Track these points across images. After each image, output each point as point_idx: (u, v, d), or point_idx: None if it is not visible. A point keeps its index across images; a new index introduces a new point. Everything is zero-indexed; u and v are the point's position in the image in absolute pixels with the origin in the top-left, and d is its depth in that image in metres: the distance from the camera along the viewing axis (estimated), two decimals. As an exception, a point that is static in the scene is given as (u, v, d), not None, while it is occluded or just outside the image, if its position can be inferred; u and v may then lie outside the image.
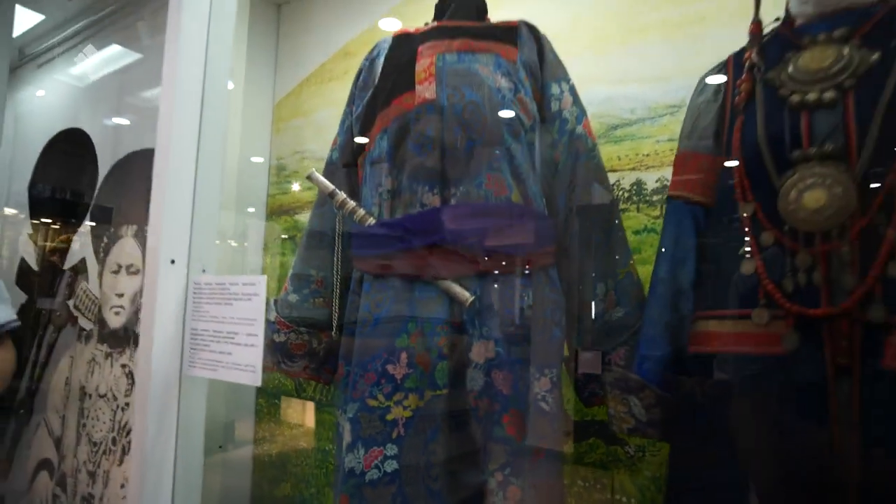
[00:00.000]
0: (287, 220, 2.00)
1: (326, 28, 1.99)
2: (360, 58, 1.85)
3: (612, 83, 1.41)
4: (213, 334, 0.93)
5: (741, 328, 0.78)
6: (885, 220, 0.68)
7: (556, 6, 1.50)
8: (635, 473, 1.27)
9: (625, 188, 1.37)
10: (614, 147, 1.40)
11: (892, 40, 0.73)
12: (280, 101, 2.08)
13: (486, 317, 0.95)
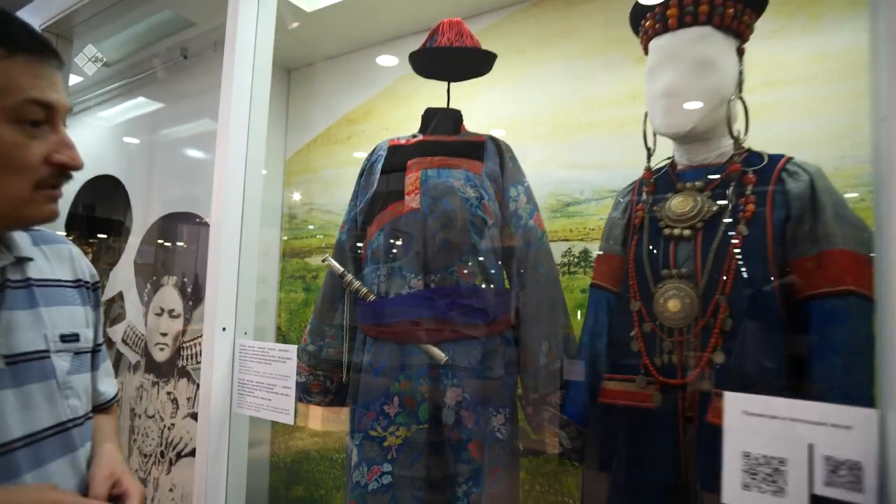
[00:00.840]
0: (297, 262, 2.34)
1: (330, 96, 2.32)
2: (361, 125, 2.20)
3: (567, 167, 1.75)
4: (256, 384, 1.28)
5: (628, 387, 1.13)
6: (714, 322, 1.02)
7: (522, 101, 1.84)
8: (579, 480, 1.62)
9: (575, 255, 1.72)
10: (567, 220, 1.74)
11: (727, 195, 1.07)
12: (290, 157, 2.41)
13: (456, 370, 1.30)
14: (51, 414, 0.73)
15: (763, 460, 0.73)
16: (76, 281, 0.82)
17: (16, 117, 0.65)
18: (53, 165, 0.68)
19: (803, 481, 0.70)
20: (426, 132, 1.49)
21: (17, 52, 0.65)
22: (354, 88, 2.23)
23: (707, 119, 1.06)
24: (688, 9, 1.04)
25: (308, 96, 2.40)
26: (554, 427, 1.32)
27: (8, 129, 0.64)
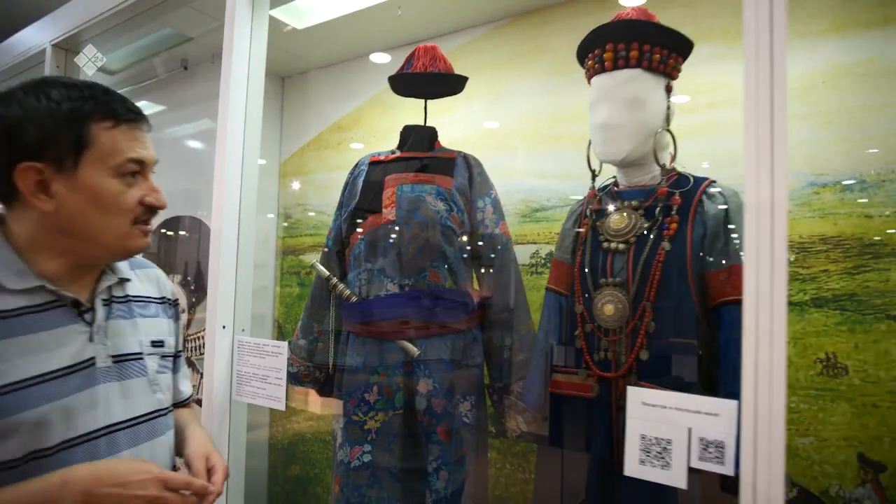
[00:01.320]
0: (293, 259, 2.51)
1: (322, 103, 2.47)
2: (350, 132, 2.36)
3: (536, 176, 1.91)
4: (252, 375, 1.46)
5: (573, 379, 1.30)
6: (641, 325, 1.20)
7: (496, 114, 2.00)
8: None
9: (542, 256, 1.89)
10: (536, 225, 1.91)
11: (655, 214, 1.24)
12: (285, 160, 2.57)
13: (428, 363, 1.48)
14: (144, 404, 0.89)
15: (654, 441, 0.91)
16: (161, 298, 0.99)
17: (118, 172, 0.81)
18: (145, 206, 0.85)
19: (683, 457, 0.88)
20: (403, 149, 1.65)
21: (120, 123, 0.82)
22: (344, 97, 2.38)
23: (638, 148, 1.22)
24: (621, 53, 1.20)
25: (301, 103, 2.56)
26: (514, 412, 1.50)
27: (113, 182, 0.81)
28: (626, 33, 1.20)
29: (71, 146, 0.78)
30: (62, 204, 0.79)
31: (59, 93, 0.79)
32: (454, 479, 1.46)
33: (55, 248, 0.81)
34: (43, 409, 0.75)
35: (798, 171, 1.53)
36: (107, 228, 0.82)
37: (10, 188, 0.78)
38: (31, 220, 0.80)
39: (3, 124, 0.77)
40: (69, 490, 0.70)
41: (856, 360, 1.44)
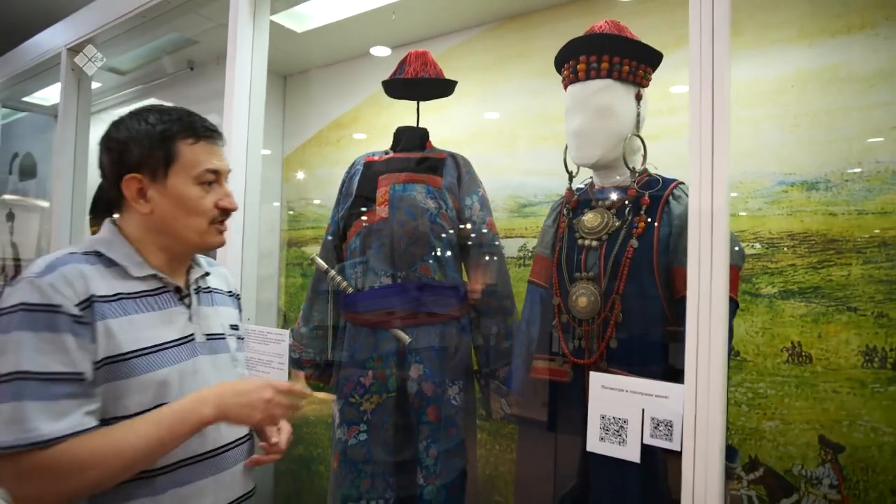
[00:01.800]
0: (295, 250, 2.63)
1: (322, 101, 2.57)
2: (349, 129, 2.47)
3: (523, 174, 2.01)
4: (257, 360, 1.58)
5: (550, 365, 1.41)
6: (610, 316, 1.30)
7: (486, 114, 2.09)
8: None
9: (529, 249, 2.00)
10: (524, 220, 2.02)
11: (625, 214, 1.34)
12: (288, 156, 2.68)
13: (418, 350, 1.59)
14: (228, 375, 1.04)
15: (612, 420, 1.02)
16: (229, 292, 1.15)
17: (199, 181, 0.96)
18: (220, 209, 1.00)
19: (637, 435, 0.99)
20: (396, 149, 1.75)
21: (200, 139, 0.97)
22: (343, 95, 2.48)
23: (609, 153, 1.32)
24: (592, 65, 1.29)
25: (302, 101, 2.66)
26: (499, 396, 1.62)
27: (194, 188, 0.96)
28: (597, 46, 1.29)
29: (162, 160, 0.94)
30: (156, 207, 0.95)
31: (154, 117, 0.95)
32: (443, 456, 1.58)
33: (155, 244, 0.98)
34: (165, 371, 0.91)
35: (768, 170, 1.61)
36: (189, 227, 0.97)
37: (119, 196, 0.96)
38: (135, 222, 0.97)
39: (115, 145, 0.95)
40: (203, 402, 0.89)
41: (819, 349, 1.54)
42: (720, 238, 0.91)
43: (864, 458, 1.46)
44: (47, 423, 0.79)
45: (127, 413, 0.87)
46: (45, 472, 0.80)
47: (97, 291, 0.88)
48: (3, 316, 0.83)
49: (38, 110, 3.52)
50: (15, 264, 3.82)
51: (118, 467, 0.83)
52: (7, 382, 0.80)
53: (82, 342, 0.85)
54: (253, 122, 1.72)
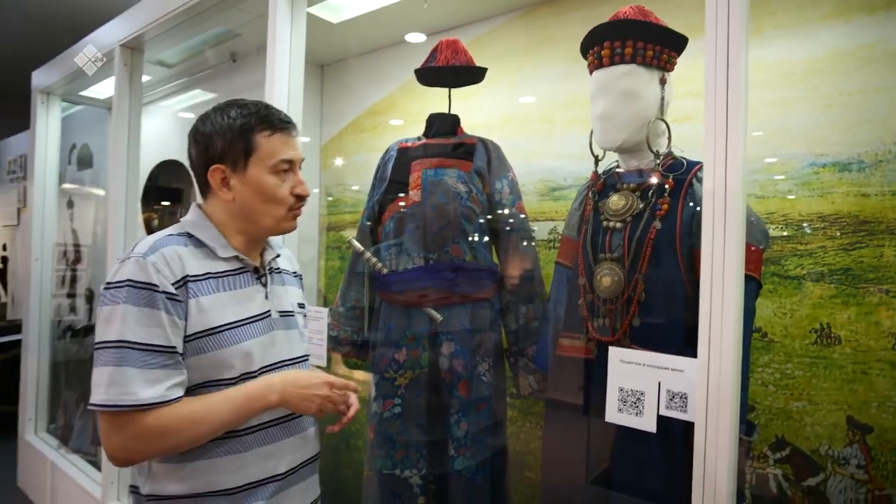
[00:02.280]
0: (333, 234, 2.74)
1: (358, 90, 2.65)
2: (385, 116, 2.54)
3: (554, 158, 2.05)
4: (298, 337, 1.68)
5: (575, 343, 1.47)
6: (633, 295, 1.34)
7: (516, 100, 2.13)
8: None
9: (559, 232, 2.03)
10: (554, 203, 2.05)
11: (649, 196, 1.37)
12: (325, 143, 2.77)
13: (450, 328, 1.67)
14: (299, 349, 1.14)
15: (630, 392, 1.07)
16: (294, 273, 1.24)
17: (275, 170, 1.04)
18: (295, 196, 1.07)
19: (654, 406, 1.04)
20: (429, 135, 1.82)
21: (276, 131, 1.04)
22: (378, 83, 2.55)
23: (633, 137, 1.35)
24: (617, 50, 1.32)
25: (339, 89, 2.74)
26: (527, 373, 1.68)
27: (271, 178, 1.04)
28: (621, 31, 1.32)
29: (242, 152, 1.02)
30: (237, 195, 1.03)
31: (235, 112, 1.03)
32: (473, 429, 1.66)
33: (236, 228, 1.06)
34: (249, 343, 1.01)
35: (799, 152, 1.61)
36: (267, 213, 1.05)
37: (206, 184, 1.05)
38: (219, 208, 1.06)
39: (201, 138, 1.04)
40: (270, 390, 0.99)
41: (848, 331, 1.54)
42: (734, 218, 0.95)
43: (892, 439, 1.47)
44: (143, 388, 0.89)
45: (216, 379, 0.98)
46: (135, 432, 0.90)
47: (191, 271, 0.98)
48: (114, 289, 0.93)
49: (93, 103, 3.73)
50: (75, 249, 4.07)
51: (194, 437, 0.94)
52: (113, 348, 0.90)
53: (175, 319, 0.94)
54: (292, 112, 1.81)
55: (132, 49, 2.51)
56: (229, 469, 0.99)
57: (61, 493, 2.90)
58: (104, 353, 0.91)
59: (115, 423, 0.90)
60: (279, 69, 1.80)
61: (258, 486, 1.01)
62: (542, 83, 2.06)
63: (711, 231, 0.96)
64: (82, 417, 3.27)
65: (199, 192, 1.10)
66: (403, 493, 1.67)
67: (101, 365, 0.91)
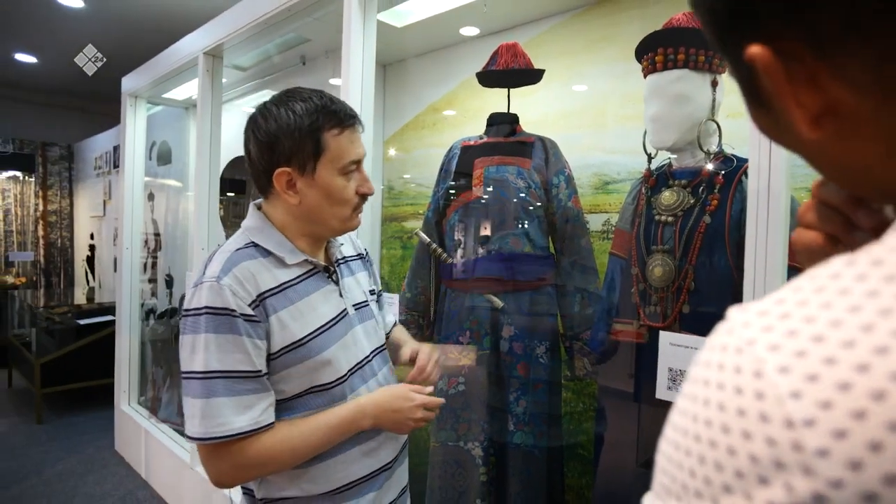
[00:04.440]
0: (395, 225, 2.91)
1: (418, 88, 2.80)
2: (443, 112, 2.68)
3: (607, 152, 2.14)
4: (372, 320, 1.86)
5: (629, 328, 1.58)
6: (684, 284, 1.45)
7: (572, 96, 2.23)
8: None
9: (612, 224, 2.13)
10: (607, 196, 2.15)
11: (699, 192, 1.46)
12: (387, 139, 2.94)
13: (510, 313, 1.81)
14: (376, 340, 1.11)
15: (679, 372, 1.19)
16: (358, 255, 1.18)
17: (343, 171, 0.98)
18: (360, 194, 1.02)
19: (700, 385, 1.15)
20: (489, 134, 1.95)
21: (345, 129, 0.97)
22: (438, 81, 2.69)
23: (684, 137, 1.44)
24: (669, 56, 1.41)
25: (400, 88, 2.90)
26: (581, 356, 1.81)
27: (339, 179, 0.98)
28: (674, 38, 1.41)
29: (311, 154, 0.95)
30: (304, 198, 0.98)
31: (301, 107, 0.94)
32: (531, 407, 1.80)
33: (300, 230, 1.02)
34: (333, 349, 0.99)
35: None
36: (334, 215, 1.00)
37: (269, 184, 0.98)
38: (282, 210, 1.01)
39: (265, 137, 0.95)
40: (363, 415, 1.00)
41: None
42: (777, 215, 1.05)
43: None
44: (236, 417, 0.88)
45: (314, 386, 0.98)
46: (238, 461, 0.90)
47: (265, 286, 0.94)
48: (193, 317, 0.91)
49: (172, 104, 4.04)
50: (155, 238, 4.43)
51: (293, 462, 0.96)
52: (200, 380, 0.88)
53: (256, 342, 0.91)
54: (364, 111, 1.98)
55: (213, 56, 2.74)
56: (338, 469, 1.00)
57: (154, 458, 3.24)
58: (192, 384, 0.90)
59: (216, 453, 0.90)
60: (353, 72, 1.97)
61: (368, 479, 1.04)
62: (596, 80, 2.15)
63: (755, 226, 1.06)
64: (169, 391, 3.61)
65: (258, 191, 1.05)
66: (466, 464, 1.84)
67: (191, 396, 0.90)
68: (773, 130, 0.43)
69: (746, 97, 0.43)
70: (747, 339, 0.32)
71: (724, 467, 0.31)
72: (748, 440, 0.29)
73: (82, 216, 6.68)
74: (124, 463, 3.54)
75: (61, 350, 4.30)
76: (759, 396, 0.29)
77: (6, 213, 6.52)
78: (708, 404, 0.32)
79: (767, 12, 0.34)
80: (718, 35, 0.41)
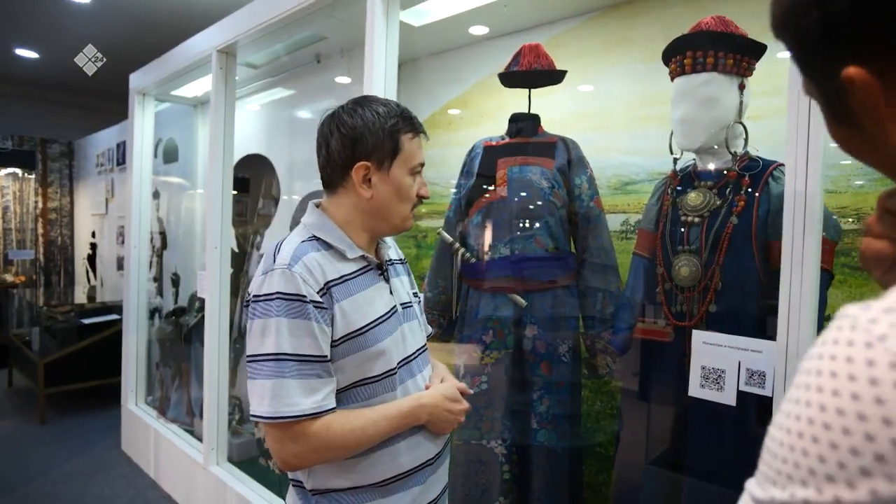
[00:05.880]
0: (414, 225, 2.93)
1: (433, 87, 2.81)
2: (458, 111, 2.69)
3: (626, 153, 2.16)
4: (395, 319, 1.88)
5: (654, 327, 1.61)
6: (710, 284, 1.47)
7: (591, 97, 2.25)
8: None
9: (631, 224, 2.16)
10: (626, 197, 2.18)
11: (726, 193, 1.48)
12: (402, 139, 2.96)
13: (533, 312, 1.83)
14: (420, 339, 1.15)
15: (712, 370, 1.21)
16: (401, 260, 1.23)
17: (412, 172, 1.06)
18: (419, 196, 1.09)
19: (734, 382, 1.18)
20: (512, 135, 1.97)
21: (417, 135, 1.07)
22: (453, 82, 2.71)
23: (711, 139, 1.47)
24: (698, 59, 1.43)
25: (414, 88, 2.91)
26: (604, 354, 1.83)
27: (408, 178, 1.05)
28: (703, 42, 1.43)
29: (389, 151, 1.02)
30: (376, 193, 1.03)
31: (383, 109, 1.03)
32: (554, 405, 1.82)
33: (362, 226, 1.06)
34: (387, 341, 1.03)
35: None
36: (398, 213, 1.06)
37: (342, 179, 1.04)
38: (347, 206, 1.05)
39: (349, 131, 1.01)
40: (422, 410, 1.05)
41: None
42: (812, 216, 1.07)
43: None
44: (303, 398, 0.92)
45: (362, 379, 1.01)
46: (308, 443, 0.94)
47: (329, 276, 0.98)
48: (264, 302, 0.94)
49: (180, 101, 4.03)
50: (161, 237, 4.42)
51: (356, 449, 0.99)
52: (271, 361, 0.92)
53: (324, 327, 0.96)
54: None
55: (227, 54, 2.74)
56: (386, 461, 1.03)
57: (163, 457, 3.24)
58: (261, 365, 0.93)
59: (287, 433, 0.93)
60: (376, 71, 1.98)
61: (413, 472, 1.06)
62: (616, 82, 2.17)
63: (791, 228, 1.08)
64: (178, 391, 3.61)
65: (325, 187, 1.08)
66: (490, 462, 1.86)
67: (260, 378, 0.93)
68: (857, 146, 0.47)
69: (829, 114, 0.47)
70: (879, 335, 0.35)
71: (860, 452, 0.33)
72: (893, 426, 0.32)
73: (83, 214, 6.65)
74: (132, 463, 3.53)
75: (65, 349, 4.28)
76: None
77: (5, 211, 6.48)
78: (838, 394, 0.35)
79: (867, 38, 0.37)
80: (806, 55, 0.45)
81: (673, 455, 1.63)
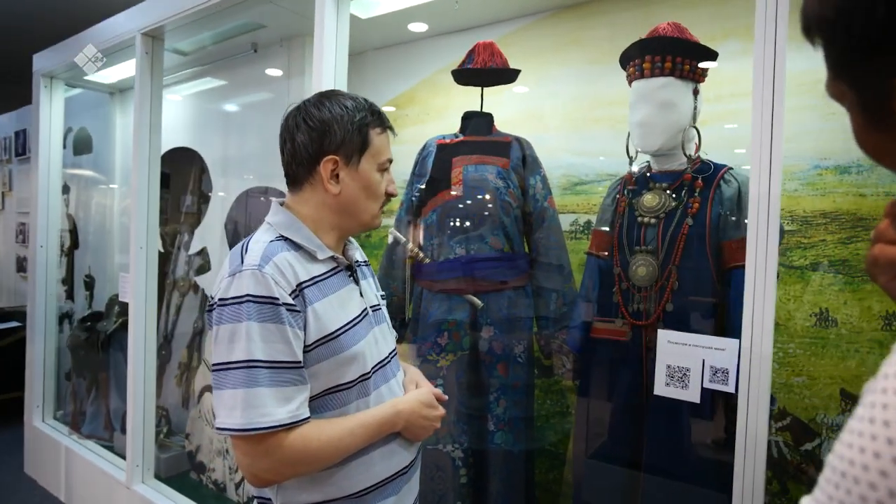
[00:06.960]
0: (353, 223, 2.84)
1: (378, 82, 2.73)
2: (405, 109, 2.64)
3: (576, 154, 2.19)
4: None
5: (610, 326, 1.63)
6: (667, 284, 1.51)
7: (542, 98, 2.26)
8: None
9: (580, 224, 2.19)
10: (575, 197, 2.20)
11: (682, 195, 1.53)
12: (345, 135, 2.86)
13: (489, 313, 1.81)
14: (390, 342, 1.12)
15: (677, 369, 1.23)
16: (366, 262, 1.19)
17: (380, 168, 1.03)
18: (387, 194, 1.06)
19: (698, 380, 1.20)
20: (465, 133, 1.94)
21: (385, 130, 1.04)
22: (399, 77, 2.64)
23: (669, 142, 1.51)
24: (657, 64, 1.47)
25: (358, 82, 2.81)
26: (559, 354, 1.84)
27: (377, 175, 1.02)
28: (661, 47, 1.46)
29: (358, 146, 0.99)
30: (344, 189, 1.00)
31: (350, 103, 1.00)
32: (511, 406, 1.81)
33: (330, 224, 1.03)
34: (361, 345, 0.99)
35: (805, 155, 1.79)
36: (367, 210, 1.03)
37: (309, 174, 1.00)
38: (314, 203, 1.01)
39: (318, 124, 0.98)
40: (399, 417, 1.01)
41: (844, 315, 1.74)
42: (774, 218, 1.11)
43: (880, 408, 1.68)
44: (277, 407, 0.86)
45: (336, 386, 0.96)
46: (282, 455, 0.88)
47: (301, 278, 0.94)
48: (233, 305, 0.88)
49: (95, 88, 3.70)
50: (71, 235, 4.05)
51: (334, 460, 0.94)
52: (242, 369, 0.86)
53: (297, 331, 0.90)
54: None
55: (153, 38, 2.54)
56: (361, 471, 0.98)
57: (77, 478, 2.96)
58: (231, 374, 0.87)
59: (259, 446, 0.87)
60: (326, 62, 1.88)
61: (388, 482, 1.02)
62: (567, 82, 2.19)
63: (756, 230, 1.12)
64: (94, 403, 3.32)
65: (289, 184, 1.05)
66: (446, 467, 1.82)
67: (229, 387, 0.87)
68: (890, 149, 0.48)
69: (866, 117, 0.48)
70: None
71: None
72: None
73: (-28, 209, 5.98)
74: (38, 487, 3.20)
75: (-47, 361, 3.83)
76: None
77: None
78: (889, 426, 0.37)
79: None
80: (853, 55, 0.46)
81: (617, 448, 1.66)
